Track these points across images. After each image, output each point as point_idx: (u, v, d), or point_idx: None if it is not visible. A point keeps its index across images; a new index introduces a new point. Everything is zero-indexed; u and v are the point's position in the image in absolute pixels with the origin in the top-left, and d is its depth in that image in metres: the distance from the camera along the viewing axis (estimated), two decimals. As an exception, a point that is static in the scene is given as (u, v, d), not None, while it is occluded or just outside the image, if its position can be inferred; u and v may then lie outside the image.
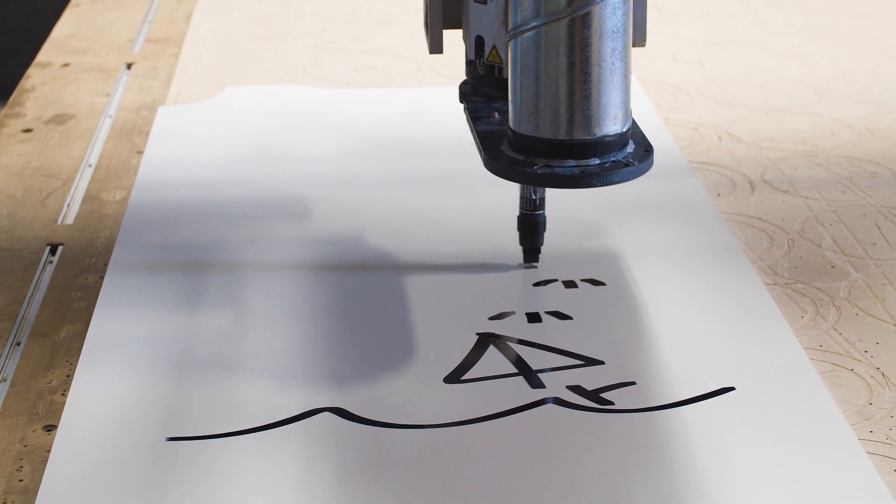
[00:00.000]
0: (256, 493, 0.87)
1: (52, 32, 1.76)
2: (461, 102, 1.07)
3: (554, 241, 1.15)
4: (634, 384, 0.97)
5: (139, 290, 1.10)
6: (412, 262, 1.14)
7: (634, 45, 1.01)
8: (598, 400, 0.95)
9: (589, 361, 1.00)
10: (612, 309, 1.07)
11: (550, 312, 1.06)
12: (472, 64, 1.04)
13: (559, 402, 0.95)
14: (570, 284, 1.10)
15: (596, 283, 1.10)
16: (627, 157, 0.96)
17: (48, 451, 0.91)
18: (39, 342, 1.04)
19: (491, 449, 0.91)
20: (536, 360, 1.00)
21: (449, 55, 1.11)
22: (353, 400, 0.96)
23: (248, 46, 1.70)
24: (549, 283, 1.10)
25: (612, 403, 0.95)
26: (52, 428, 0.94)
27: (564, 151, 0.95)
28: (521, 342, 1.02)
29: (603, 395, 0.96)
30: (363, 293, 1.09)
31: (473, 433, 0.92)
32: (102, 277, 1.13)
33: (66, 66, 1.64)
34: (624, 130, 0.96)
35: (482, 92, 1.06)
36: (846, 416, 0.94)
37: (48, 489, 0.87)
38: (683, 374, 0.98)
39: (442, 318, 1.06)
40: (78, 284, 1.13)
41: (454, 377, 0.98)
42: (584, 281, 1.11)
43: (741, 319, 1.05)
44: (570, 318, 1.06)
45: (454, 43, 1.09)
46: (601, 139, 0.95)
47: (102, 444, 0.91)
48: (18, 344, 1.05)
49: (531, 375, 0.98)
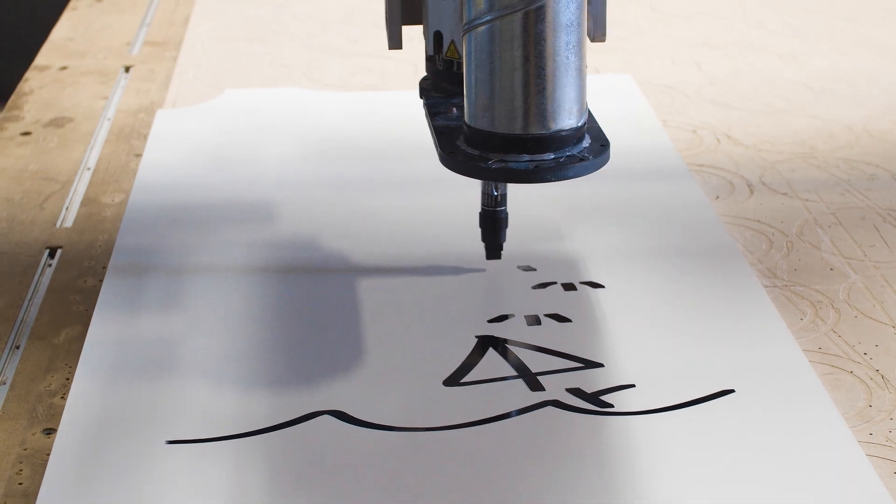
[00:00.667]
0: (255, 496, 0.87)
1: (50, 35, 1.76)
2: (421, 98, 1.07)
3: (552, 243, 1.15)
4: (634, 387, 0.97)
5: (138, 293, 1.10)
6: (412, 264, 1.14)
7: (594, 39, 1.01)
8: (597, 403, 0.95)
9: (588, 364, 1.00)
10: (611, 312, 1.07)
11: (550, 315, 1.06)
12: (431, 60, 1.04)
13: (559, 404, 0.95)
14: (569, 287, 1.10)
15: (595, 285, 1.10)
16: (583, 151, 0.96)
17: (48, 454, 0.91)
18: (38, 345, 1.04)
19: (490, 452, 0.91)
20: (536, 362, 1.00)
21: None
22: (352, 403, 0.96)
23: (245, 49, 1.70)
24: (548, 285, 1.10)
25: (611, 406, 0.95)
26: (51, 431, 0.94)
27: (519, 146, 0.95)
28: (520, 345, 1.02)
29: (602, 397, 0.96)
30: (362, 295, 1.09)
31: (473, 436, 0.92)
32: (101, 280, 1.12)
33: (64, 69, 1.64)
34: (579, 125, 0.96)
35: (442, 88, 1.06)
36: (846, 418, 0.94)
37: (48, 492, 0.87)
38: (683, 376, 0.98)
39: (441, 320, 1.06)
40: (77, 287, 1.13)
41: (453, 380, 0.98)
42: (583, 283, 1.11)
43: (740, 322, 1.05)
44: (569, 320, 1.06)
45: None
46: (556, 134, 0.95)
47: (102, 447, 0.91)
48: (17, 347, 1.05)
49: (531, 378, 0.98)
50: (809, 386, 0.97)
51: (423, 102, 1.06)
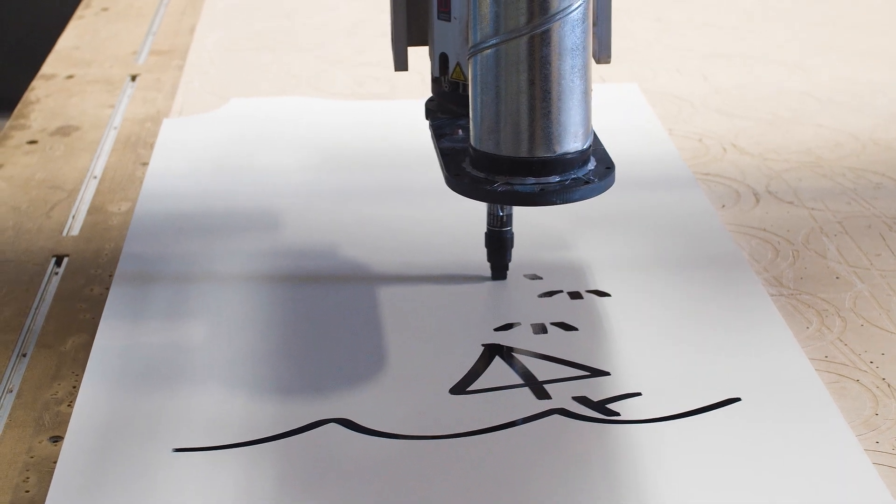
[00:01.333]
0: (263, 504, 0.87)
1: (56, 44, 1.76)
2: (427, 119, 1.07)
3: (558, 252, 1.15)
4: (640, 395, 0.97)
5: (144, 301, 1.10)
6: (418, 272, 1.14)
7: (599, 61, 1.02)
8: (603, 411, 0.95)
9: (594, 372, 1.00)
10: (617, 320, 1.07)
11: (556, 323, 1.06)
12: (437, 81, 1.05)
13: (565, 412, 0.95)
14: (575, 295, 1.10)
15: (601, 294, 1.10)
16: (588, 174, 0.96)
17: (54, 462, 0.91)
18: (45, 353, 1.04)
19: (497, 460, 0.91)
20: (542, 370, 1.00)
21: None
22: (359, 411, 0.96)
23: (252, 58, 1.70)
24: (554, 294, 1.10)
25: (617, 414, 0.95)
26: (58, 439, 0.94)
27: (525, 169, 0.95)
28: (526, 353, 1.02)
29: (608, 405, 0.96)
30: (369, 304, 1.09)
31: (479, 444, 0.92)
32: (108, 289, 1.13)
33: (70, 77, 1.64)
34: (585, 147, 0.96)
35: (448, 109, 1.06)
36: (852, 426, 0.94)
37: (54, 500, 0.87)
38: (689, 384, 0.98)
39: (448, 328, 1.06)
40: (83, 296, 1.13)
41: (460, 388, 0.98)
42: (589, 292, 1.11)
43: (746, 330, 1.05)
44: (575, 329, 1.06)
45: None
46: (561, 157, 0.95)
47: (108, 455, 0.91)
48: (24, 355, 1.05)
49: (537, 386, 0.98)
50: (815, 394, 0.97)
51: (429, 124, 1.07)
